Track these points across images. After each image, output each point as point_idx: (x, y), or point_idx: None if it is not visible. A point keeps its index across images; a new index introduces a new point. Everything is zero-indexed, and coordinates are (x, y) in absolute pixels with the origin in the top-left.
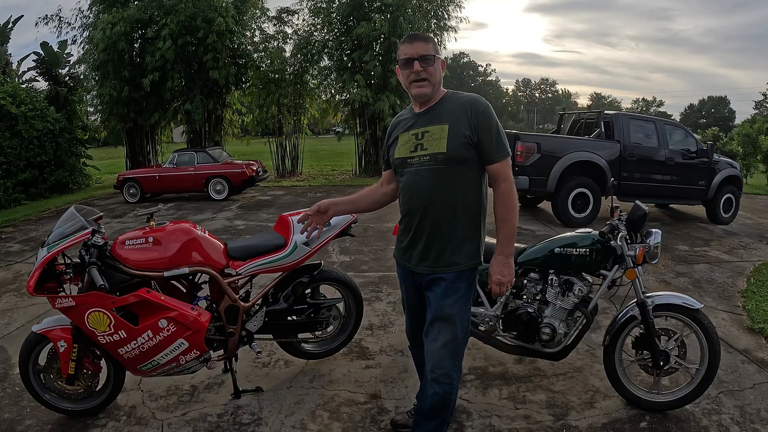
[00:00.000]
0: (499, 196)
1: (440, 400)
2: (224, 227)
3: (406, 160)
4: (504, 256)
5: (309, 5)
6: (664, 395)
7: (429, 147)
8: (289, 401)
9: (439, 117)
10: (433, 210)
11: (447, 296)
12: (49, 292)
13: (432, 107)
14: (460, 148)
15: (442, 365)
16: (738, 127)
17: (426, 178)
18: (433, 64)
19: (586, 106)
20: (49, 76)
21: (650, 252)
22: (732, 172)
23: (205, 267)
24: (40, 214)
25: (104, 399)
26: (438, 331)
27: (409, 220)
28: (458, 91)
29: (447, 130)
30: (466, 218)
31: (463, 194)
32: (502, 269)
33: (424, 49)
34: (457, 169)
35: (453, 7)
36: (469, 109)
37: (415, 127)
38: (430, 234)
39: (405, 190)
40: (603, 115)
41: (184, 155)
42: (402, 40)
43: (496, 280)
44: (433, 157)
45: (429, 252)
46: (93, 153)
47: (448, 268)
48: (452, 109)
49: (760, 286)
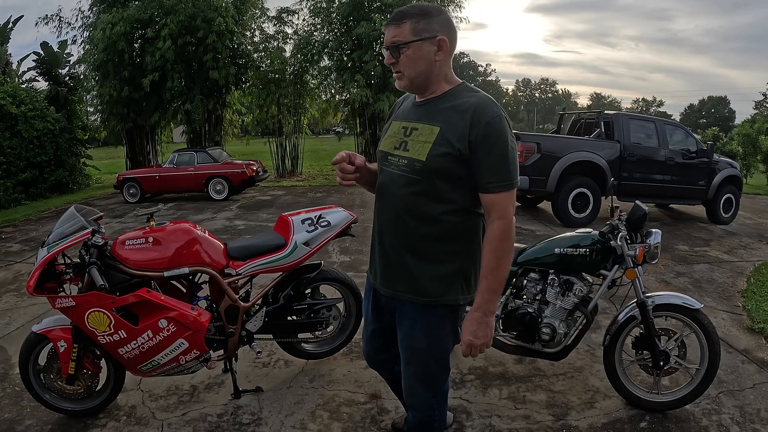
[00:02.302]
0: (490, 237)
1: (419, 424)
2: (224, 227)
3: (387, 156)
4: (481, 313)
5: (309, 5)
6: (664, 395)
7: (411, 149)
8: (289, 401)
9: (433, 115)
10: (404, 226)
11: (413, 326)
12: (49, 292)
13: (431, 100)
14: (443, 160)
15: (415, 395)
16: (738, 127)
17: (400, 186)
18: (407, 51)
19: (586, 106)
20: (49, 76)
21: (650, 252)
22: (732, 172)
23: (205, 267)
24: (40, 214)
25: (104, 399)
26: (406, 361)
27: (379, 230)
28: (474, 89)
29: (436, 134)
30: (445, 244)
31: (443, 214)
32: (476, 330)
33: (393, 34)
34: (438, 184)
35: (453, 7)
36: (472, 116)
37: (407, 119)
38: (399, 253)
39: (379, 193)
40: (603, 115)
41: (184, 155)
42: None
43: (467, 341)
44: (410, 164)
45: (393, 273)
46: (93, 153)
47: (412, 296)
48: (453, 108)
49: (760, 286)
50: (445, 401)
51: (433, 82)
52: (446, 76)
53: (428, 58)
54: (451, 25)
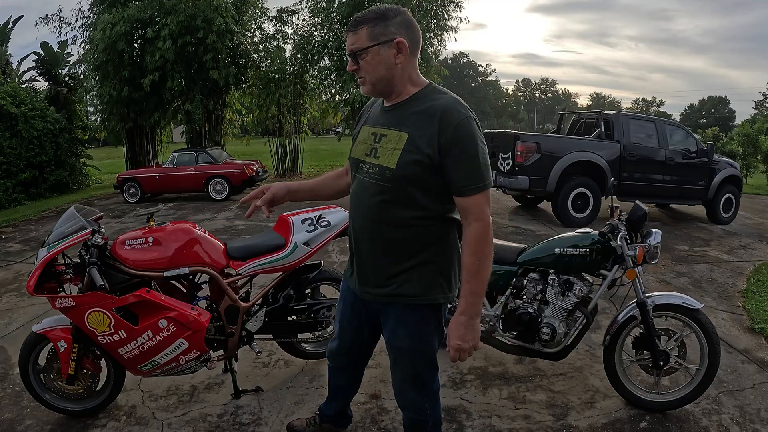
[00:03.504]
0: (468, 240)
1: (413, 424)
2: (224, 227)
3: (359, 164)
4: (467, 316)
5: (309, 5)
6: (664, 395)
7: (381, 156)
8: (289, 401)
9: (402, 120)
10: (377, 233)
11: (397, 328)
12: (49, 292)
13: (399, 104)
14: (413, 167)
15: (405, 395)
16: (738, 127)
17: (372, 193)
18: (366, 57)
19: (586, 106)
20: (49, 76)
21: (650, 252)
22: (732, 172)
23: (205, 267)
24: (40, 214)
25: (104, 399)
26: (394, 361)
27: (355, 235)
28: (442, 90)
29: (405, 140)
30: (421, 249)
31: (417, 220)
32: (464, 333)
33: (351, 41)
34: (409, 191)
35: (453, 7)
36: (440, 121)
37: (377, 124)
38: (375, 258)
39: (353, 200)
40: (603, 115)
41: (184, 155)
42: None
43: (455, 345)
44: (380, 171)
45: (371, 278)
46: (93, 153)
47: (392, 299)
48: (421, 113)
49: (760, 286)
50: (437, 401)
51: (397, 86)
52: (411, 78)
53: (388, 61)
54: (412, 25)
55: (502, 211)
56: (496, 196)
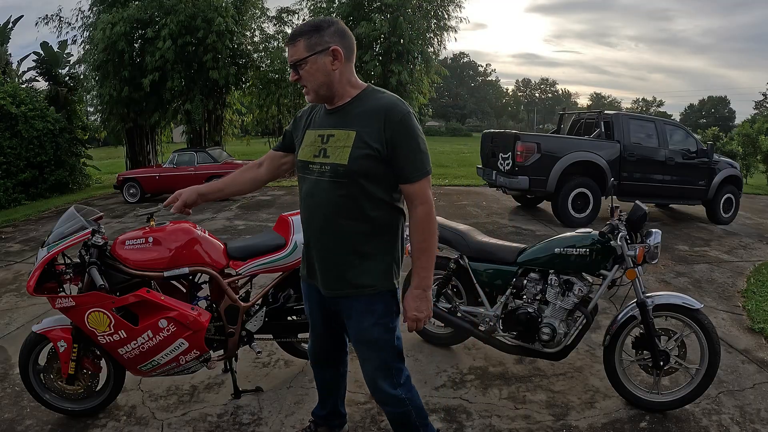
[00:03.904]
0: (416, 222)
1: (397, 418)
2: (224, 227)
3: (308, 165)
4: (421, 289)
5: (309, 5)
6: (664, 395)
7: (331, 155)
8: (289, 401)
9: (348, 120)
10: (335, 228)
11: (363, 320)
12: (49, 292)
13: (343, 106)
14: (364, 161)
15: (380, 390)
16: (738, 127)
17: (326, 191)
18: (306, 67)
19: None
20: (49, 76)
21: (650, 252)
22: (732, 172)
23: (205, 267)
24: (40, 214)
25: (104, 399)
26: (364, 356)
27: (311, 235)
28: (381, 90)
29: (353, 138)
30: (376, 237)
31: (371, 211)
32: (419, 304)
33: (290, 54)
34: (362, 184)
35: (453, 7)
36: (384, 117)
37: (322, 126)
38: (334, 254)
39: (305, 201)
40: (603, 115)
41: (184, 155)
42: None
43: (411, 317)
44: (333, 169)
45: (333, 273)
46: (93, 153)
47: (356, 291)
48: (365, 112)
49: (760, 286)
50: (412, 389)
51: (338, 90)
52: (350, 82)
53: (325, 69)
54: (345, 33)
55: (502, 211)
56: (496, 196)
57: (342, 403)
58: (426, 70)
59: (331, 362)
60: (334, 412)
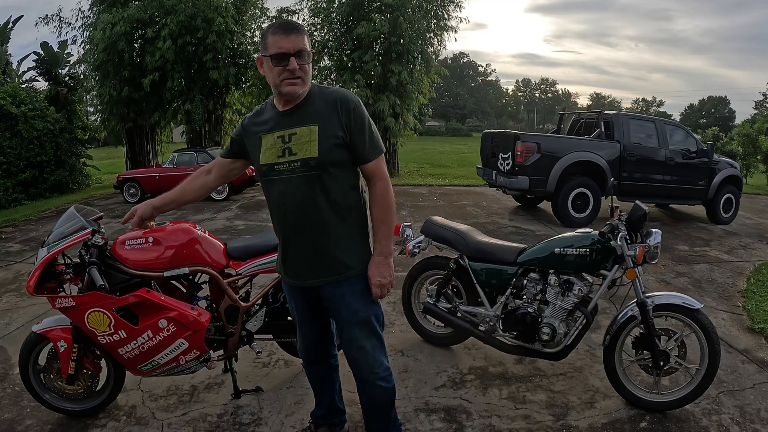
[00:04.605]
0: (376, 196)
1: (388, 394)
2: (224, 227)
3: (274, 167)
4: (383, 256)
5: (309, 5)
6: (664, 395)
7: (299, 151)
8: (289, 401)
9: (306, 117)
10: (313, 219)
11: (353, 302)
12: (49, 292)
13: (298, 106)
14: (332, 150)
15: (380, 364)
16: (738, 127)
17: (299, 186)
18: (309, 61)
19: (586, 106)
20: (49, 76)
21: (650, 252)
22: (732, 172)
23: (205, 267)
24: (40, 214)
25: (104, 399)
26: (362, 337)
27: (288, 233)
28: (324, 85)
29: (317, 131)
30: (351, 221)
31: (343, 197)
32: (381, 270)
33: (302, 43)
34: (333, 172)
35: (453, 7)
36: (340, 107)
37: (280, 128)
38: (315, 245)
39: (278, 200)
40: (603, 115)
41: (184, 155)
42: (272, 28)
43: (376, 282)
44: (304, 163)
45: (318, 263)
46: (93, 153)
47: (342, 275)
48: (321, 107)
49: (760, 286)
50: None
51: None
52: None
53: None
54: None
55: (502, 211)
56: (496, 196)
57: (340, 399)
58: (426, 70)
59: (322, 357)
60: (332, 409)
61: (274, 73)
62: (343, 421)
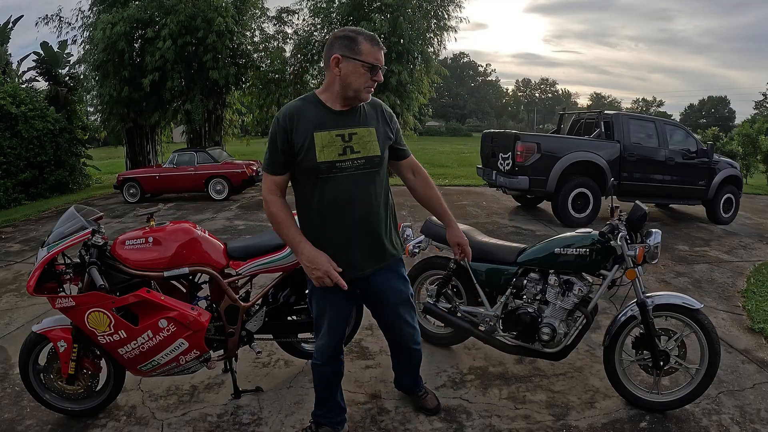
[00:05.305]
0: (427, 180)
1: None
2: (224, 227)
3: (335, 164)
4: (455, 225)
5: (309, 5)
6: (664, 395)
7: (362, 150)
8: (289, 401)
9: (364, 119)
10: (373, 211)
11: (398, 283)
12: (49, 292)
13: (354, 108)
14: (385, 150)
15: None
16: (738, 127)
17: (364, 182)
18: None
19: (586, 106)
20: (49, 76)
21: (650, 252)
22: (732, 172)
23: (205, 267)
24: (40, 214)
25: (104, 399)
26: (407, 313)
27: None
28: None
29: (375, 133)
30: (389, 212)
31: (386, 191)
32: (462, 234)
33: (381, 57)
34: (383, 169)
35: (453, 7)
36: (384, 112)
37: (338, 127)
38: (372, 235)
39: (337, 196)
40: (603, 115)
41: (184, 155)
42: (365, 36)
43: (464, 243)
44: (369, 161)
45: (374, 252)
46: (93, 153)
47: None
48: (370, 112)
49: (760, 286)
50: None
51: None
52: None
53: None
54: None
55: (502, 211)
56: (496, 196)
57: (341, 397)
58: (426, 70)
59: (340, 354)
60: (336, 407)
61: (362, 79)
62: (344, 420)
